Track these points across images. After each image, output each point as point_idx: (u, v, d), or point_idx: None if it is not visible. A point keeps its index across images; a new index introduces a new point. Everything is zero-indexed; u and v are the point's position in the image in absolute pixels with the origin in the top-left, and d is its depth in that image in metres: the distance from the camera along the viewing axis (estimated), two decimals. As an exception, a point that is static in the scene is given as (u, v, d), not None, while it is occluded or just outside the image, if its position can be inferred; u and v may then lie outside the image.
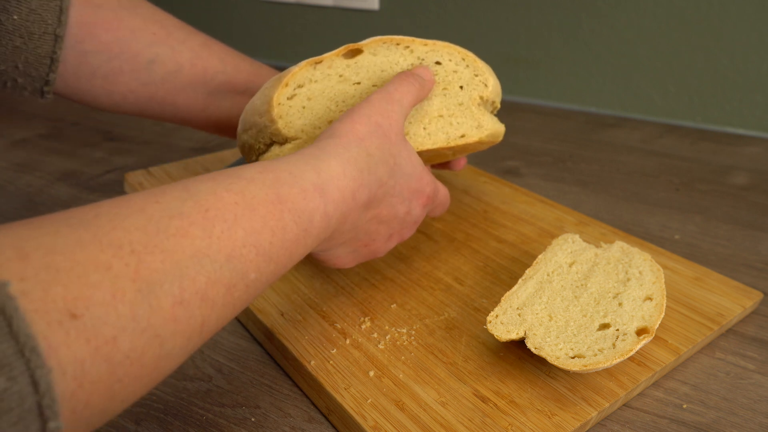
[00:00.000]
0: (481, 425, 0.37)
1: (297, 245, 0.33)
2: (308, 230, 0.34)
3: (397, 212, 0.43)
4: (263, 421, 0.40)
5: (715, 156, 0.82)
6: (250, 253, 0.30)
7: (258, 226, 0.31)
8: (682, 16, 0.89)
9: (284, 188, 0.33)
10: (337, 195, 0.36)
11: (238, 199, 0.31)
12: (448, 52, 0.48)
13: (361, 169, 0.38)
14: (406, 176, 0.42)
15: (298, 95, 0.45)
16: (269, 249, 0.31)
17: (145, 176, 0.68)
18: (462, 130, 0.49)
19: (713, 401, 0.42)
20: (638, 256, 0.48)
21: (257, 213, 0.31)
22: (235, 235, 0.30)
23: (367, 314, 0.47)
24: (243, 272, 0.30)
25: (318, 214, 0.34)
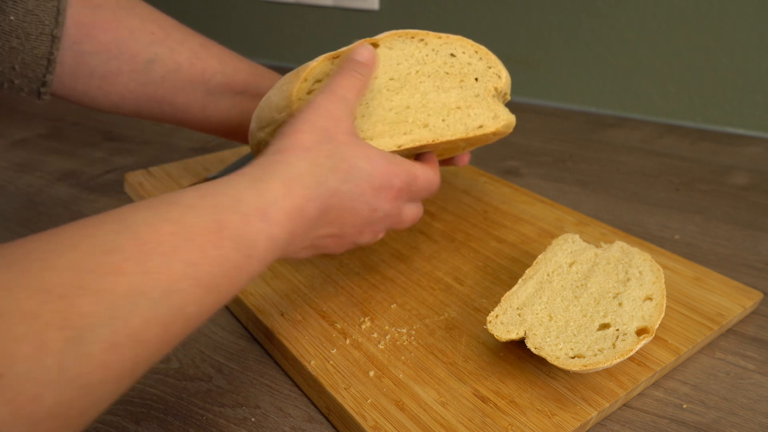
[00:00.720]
0: (481, 425, 0.37)
1: (240, 272, 0.32)
2: (251, 256, 0.33)
3: (360, 213, 0.41)
4: (263, 421, 0.40)
5: (715, 156, 0.82)
6: (189, 286, 0.29)
7: (197, 258, 0.30)
8: (682, 16, 0.89)
9: (225, 214, 0.32)
10: (281, 216, 0.34)
11: (175, 229, 0.30)
12: (462, 45, 0.49)
13: (307, 185, 0.36)
14: (365, 176, 0.40)
15: (316, 90, 0.45)
16: (209, 280, 0.30)
17: (145, 176, 0.68)
18: (479, 121, 0.50)
19: (713, 401, 0.42)
20: (638, 256, 0.48)
21: (196, 243, 0.30)
22: (173, 268, 0.29)
23: (367, 314, 0.47)
24: (181, 307, 0.29)
25: (262, 238, 0.33)
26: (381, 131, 0.47)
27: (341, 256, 0.54)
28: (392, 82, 0.47)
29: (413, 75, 0.47)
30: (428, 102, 0.48)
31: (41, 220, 0.64)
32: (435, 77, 0.48)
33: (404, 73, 0.47)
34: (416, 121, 0.48)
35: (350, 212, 0.40)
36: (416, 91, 0.48)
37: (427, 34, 0.47)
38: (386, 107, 0.47)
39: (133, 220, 0.29)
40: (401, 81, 0.47)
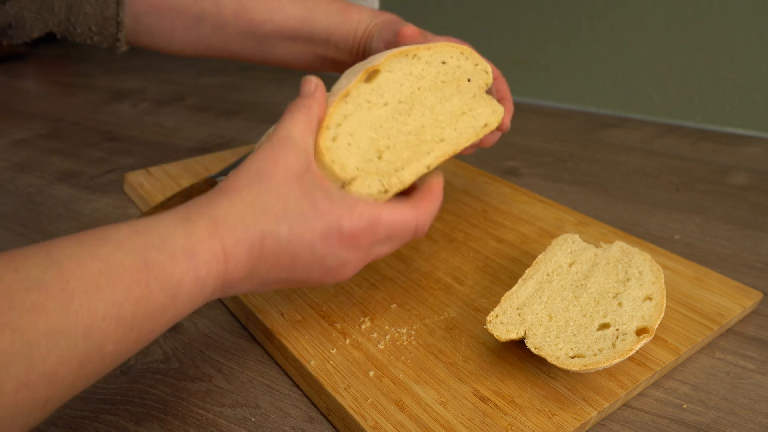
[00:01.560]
0: (481, 425, 0.37)
1: (164, 313, 0.32)
2: (177, 296, 0.33)
3: (303, 259, 0.38)
4: (263, 421, 0.40)
5: (715, 156, 0.82)
6: (110, 325, 0.29)
7: (121, 297, 0.30)
8: (682, 16, 0.89)
9: (152, 253, 0.32)
10: (208, 256, 0.34)
11: (102, 267, 0.30)
12: (448, 50, 0.50)
13: (234, 226, 0.35)
14: (304, 219, 0.37)
15: (340, 135, 0.44)
16: (132, 319, 0.30)
17: (145, 176, 0.68)
18: (483, 120, 0.51)
19: (713, 401, 0.42)
20: (638, 256, 0.48)
21: (121, 282, 0.30)
22: (95, 307, 0.29)
23: (367, 314, 0.47)
24: (100, 346, 0.29)
25: (188, 279, 0.33)
26: (408, 158, 0.47)
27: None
28: (402, 105, 0.47)
29: (417, 93, 0.48)
30: (438, 116, 0.49)
31: (41, 220, 0.64)
32: (435, 89, 0.49)
33: (409, 93, 0.48)
34: (434, 138, 0.48)
35: (292, 258, 0.38)
36: (425, 108, 0.48)
37: (417, 48, 0.48)
38: (405, 132, 0.47)
39: (61, 255, 0.29)
40: (409, 102, 0.48)
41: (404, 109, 0.48)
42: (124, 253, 0.31)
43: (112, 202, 0.68)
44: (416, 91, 0.48)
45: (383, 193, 0.46)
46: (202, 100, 1.03)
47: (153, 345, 0.47)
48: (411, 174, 0.47)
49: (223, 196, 0.36)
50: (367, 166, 0.45)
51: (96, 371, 0.30)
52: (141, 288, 0.31)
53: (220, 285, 0.35)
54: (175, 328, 0.48)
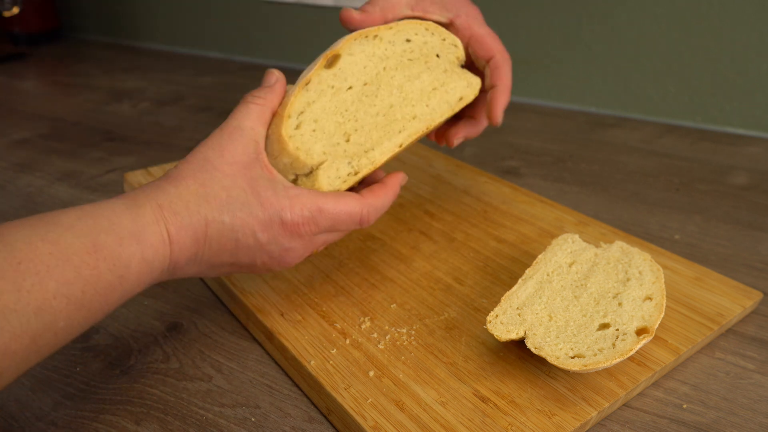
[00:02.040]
0: (481, 425, 0.37)
1: (113, 291, 0.34)
2: (125, 277, 0.34)
3: (247, 246, 0.39)
4: (263, 421, 0.40)
5: (715, 156, 0.82)
6: (61, 303, 0.31)
7: (71, 277, 0.32)
8: (682, 16, 0.89)
9: (101, 236, 0.34)
10: (154, 239, 0.36)
11: (52, 249, 0.31)
12: (413, 28, 0.49)
13: (178, 211, 0.37)
14: (246, 208, 0.39)
15: (303, 122, 0.44)
16: (82, 297, 0.32)
17: (145, 176, 0.68)
18: (458, 93, 0.51)
19: (713, 401, 0.42)
20: (638, 256, 0.48)
21: (71, 263, 0.32)
22: (47, 287, 0.31)
23: (367, 314, 0.47)
24: (51, 322, 0.31)
25: (135, 260, 0.35)
26: (379, 138, 0.47)
27: (340, 255, 0.54)
28: (367, 87, 0.47)
29: (383, 73, 0.48)
30: (407, 94, 0.49)
31: (41, 220, 0.64)
32: (402, 68, 0.49)
33: (374, 74, 0.48)
34: (405, 116, 0.49)
35: (235, 244, 0.39)
36: (392, 87, 0.48)
37: (378, 29, 0.48)
38: (372, 113, 0.47)
39: (13, 238, 0.31)
40: (375, 83, 0.48)
41: (370, 91, 0.47)
42: (74, 235, 0.33)
43: (112, 202, 0.68)
44: (381, 72, 0.48)
45: (353, 175, 0.46)
46: (202, 100, 1.03)
47: (153, 345, 0.47)
48: (382, 153, 0.47)
49: (169, 183, 0.38)
50: (335, 149, 0.45)
51: (48, 346, 0.32)
52: (90, 269, 0.33)
53: (167, 267, 0.37)
54: (175, 328, 0.48)
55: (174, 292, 0.53)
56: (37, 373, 0.44)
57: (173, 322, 0.49)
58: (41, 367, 0.44)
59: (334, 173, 0.45)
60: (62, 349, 0.46)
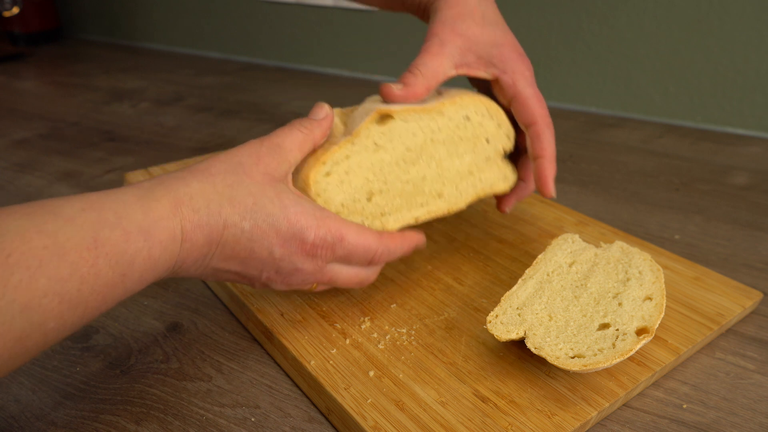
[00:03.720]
0: (481, 425, 0.37)
1: (113, 289, 0.32)
2: (127, 274, 0.32)
3: (260, 258, 0.38)
4: (263, 421, 0.40)
5: (715, 156, 0.82)
6: (52, 302, 0.29)
7: (65, 274, 0.29)
8: (682, 16, 0.89)
9: (105, 231, 0.31)
10: (164, 236, 0.34)
11: (48, 243, 0.29)
12: (475, 105, 0.48)
13: (198, 209, 0.35)
14: (270, 219, 0.37)
15: (335, 172, 0.44)
16: (77, 296, 0.30)
17: (145, 176, 0.68)
18: (490, 183, 0.50)
19: (713, 401, 0.42)
20: (638, 256, 0.48)
21: (66, 259, 0.29)
22: (36, 284, 0.28)
23: (367, 314, 0.47)
24: (40, 323, 0.29)
25: (140, 257, 0.33)
26: (398, 205, 0.47)
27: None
28: (408, 153, 0.46)
29: (429, 144, 0.47)
30: (443, 171, 0.48)
31: (41, 220, 0.64)
32: (450, 143, 0.47)
33: (420, 143, 0.46)
34: (431, 192, 0.48)
35: (249, 253, 0.38)
36: (432, 159, 0.47)
37: (442, 105, 0.46)
38: (403, 180, 0.47)
39: (6, 228, 0.29)
40: (417, 151, 0.47)
41: (410, 158, 0.46)
42: (74, 229, 0.30)
43: (112, 202, 0.68)
44: (428, 143, 0.47)
45: None
46: (202, 100, 1.03)
47: (153, 345, 0.47)
48: (396, 221, 0.47)
49: (194, 177, 0.36)
50: (353, 205, 0.45)
51: (37, 347, 0.29)
52: (88, 266, 0.30)
53: (171, 266, 0.35)
54: (175, 328, 0.48)
55: (174, 292, 0.53)
56: (37, 373, 0.44)
57: (173, 322, 0.49)
58: (41, 367, 0.44)
59: None
60: (62, 349, 0.46)
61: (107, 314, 0.50)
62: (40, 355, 0.45)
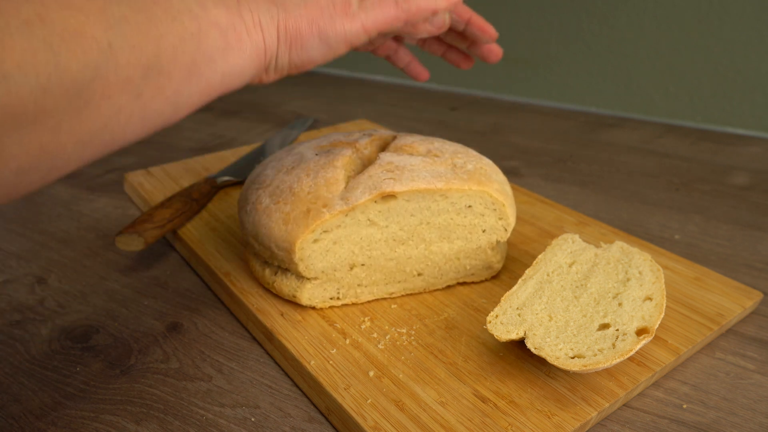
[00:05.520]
0: (481, 425, 0.37)
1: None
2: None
3: None
4: (263, 421, 0.40)
5: (715, 156, 0.82)
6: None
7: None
8: (682, 16, 0.89)
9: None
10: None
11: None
12: (481, 196, 0.47)
13: None
14: None
15: (322, 239, 0.44)
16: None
17: (145, 176, 0.68)
18: (473, 271, 0.50)
19: (713, 401, 0.42)
20: (638, 256, 0.48)
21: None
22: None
23: (367, 314, 0.47)
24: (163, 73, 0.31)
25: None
26: (376, 280, 0.47)
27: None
28: (400, 232, 0.46)
29: (424, 226, 0.47)
30: (430, 253, 0.48)
31: (41, 220, 0.64)
32: (444, 228, 0.47)
33: (414, 224, 0.46)
34: (413, 270, 0.48)
35: None
36: (422, 241, 0.47)
37: (449, 189, 0.45)
38: (388, 257, 0.47)
39: None
40: (410, 232, 0.46)
41: (400, 237, 0.46)
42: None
43: (112, 202, 0.68)
44: (424, 225, 0.46)
45: (335, 300, 0.47)
46: (202, 100, 1.03)
47: (153, 345, 0.47)
48: (370, 294, 0.48)
49: None
50: (333, 274, 0.46)
51: (154, 100, 0.32)
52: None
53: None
54: (175, 328, 0.48)
55: (174, 292, 0.53)
56: (37, 373, 0.44)
57: (173, 322, 0.49)
58: (41, 367, 0.44)
59: (320, 292, 0.46)
60: (62, 349, 0.46)
61: (107, 314, 0.50)
62: (40, 355, 0.45)
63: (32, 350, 0.46)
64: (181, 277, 0.55)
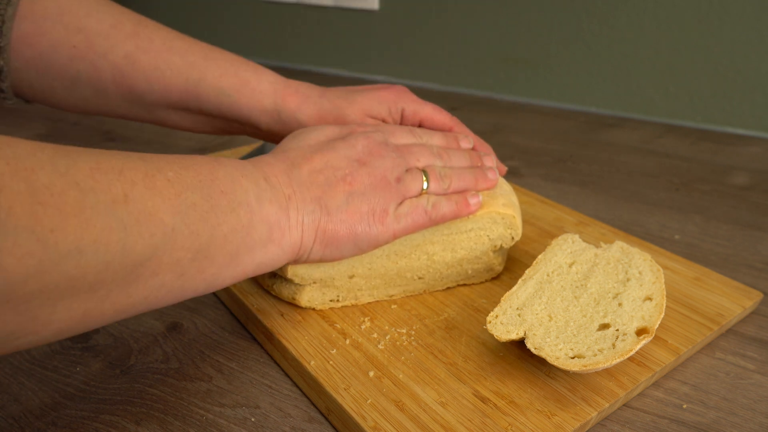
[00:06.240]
0: (481, 425, 0.37)
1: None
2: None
3: (310, 141, 0.43)
4: (263, 421, 0.40)
5: (715, 156, 0.82)
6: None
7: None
8: (682, 16, 0.89)
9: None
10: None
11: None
12: (489, 216, 0.47)
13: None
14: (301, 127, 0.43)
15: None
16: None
17: (145, 176, 0.68)
18: (473, 273, 0.50)
19: (713, 401, 0.42)
20: (638, 256, 0.48)
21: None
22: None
23: (367, 314, 0.47)
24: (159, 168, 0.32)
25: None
26: (377, 284, 0.47)
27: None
28: (402, 248, 0.46)
29: (427, 243, 0.47)
30: (433, 262, 0.48)
31: (41, 220, 0.64)
32: (448, 243, 0.47)
33: (419, 242, 0.46)
34: (414, 275, 0.48)
35: (306, 140, 0.43)
36: (426, 252, 0.47)
37: (465, 225, 0.46)
38: (389, 267, 0.47)
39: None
40: (412, 248, 0.46)
41: (403, 252, 0.46)
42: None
43: (112, 202, 0.68)
44: (427, 242, 0.46)
45: (335, 302, 0.47)
46: (202, 100, 1.03)
47: (153, 345, 0.47)
48: (370, 296, 0.48)
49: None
50: (332, 282, 0.46)
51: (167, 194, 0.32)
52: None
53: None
54: (175, 328, 0.48)
55: (174, 292, 0.53)
56: (37, 373, 0.44)
57: (173, 322, 0.49)
58: (41, 367, 0.44)
59: (319, 296, 0.46)
60: (62, 349, 0.46)
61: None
62: (40, 355, 0.45)
63: (32, 350, 0.46)
64: (181, 277, 0.55)
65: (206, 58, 0.50)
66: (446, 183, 0.45)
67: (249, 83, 0.51)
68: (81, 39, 0.47)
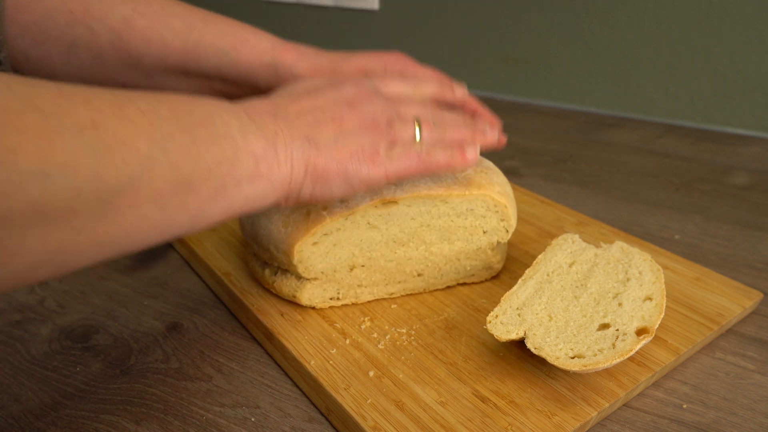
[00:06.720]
0: (481, 425, 0.37)
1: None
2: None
3: (315, 98, 0.41)
4: (263, 421, 0.40)
5: (715, 156, 0.82)
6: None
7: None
8: (682, 16, 0.89)
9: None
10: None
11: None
12: (482, 200, 0.47)
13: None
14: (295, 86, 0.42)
15: (322, 242, 0.44)
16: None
17: (145, 176, 0.68)
18: (472, 271, 0.50)
19: (713, 401, 0.42)
20: (638, 256, 0.48)
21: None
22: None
23: (367, 314, 0.47)
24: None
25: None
26: (376, 280, 0.47)
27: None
28: (400, 234, 0.46)
29: (423, 228, 0.47)
30: (430, 254, 0.48)
31: (41, 220, 0.64)
32: (445, 230, 0.47)
33: (415, 227, 0.46)
34: (413, 271, 0.48)
35: (294, 88, 0.42)
36: (422, 243, 0.47)
37: (449, 195, 0.45)
38: (388, 258, 0.47)
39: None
40: (410, 234, 0.46)
41: (401, 239, 0.46)
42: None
43: (112, 202, 0.68)
44: (424, 227, 0.46)
45: (335, 300, 0.47)
46: (202, 100, 1.03)
47: (153, 345, 0.47)
48: (370, 294, 0.48)
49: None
50: (333, 275, 0.46)
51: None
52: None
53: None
54: (175, 328, 0.48)
55: (174, 292, 0.53)
56: (37, 373, 0.44)
57: (173, 322, 0.49)
58: (41, 367, 0.44)
59: (319, 293, 0.46)
60: (62, 349, 0.46)
61: (107, 314, 0.50)
62: (40, 355, 0.45)
63: (32, 350, 0.46)
64: (181, 277, 0.55)
65: (205, 21, 0.50)
66: (440, 132, 0.43)
67: (248, 42, 0.51)
68: (77, 4, 0.47)
